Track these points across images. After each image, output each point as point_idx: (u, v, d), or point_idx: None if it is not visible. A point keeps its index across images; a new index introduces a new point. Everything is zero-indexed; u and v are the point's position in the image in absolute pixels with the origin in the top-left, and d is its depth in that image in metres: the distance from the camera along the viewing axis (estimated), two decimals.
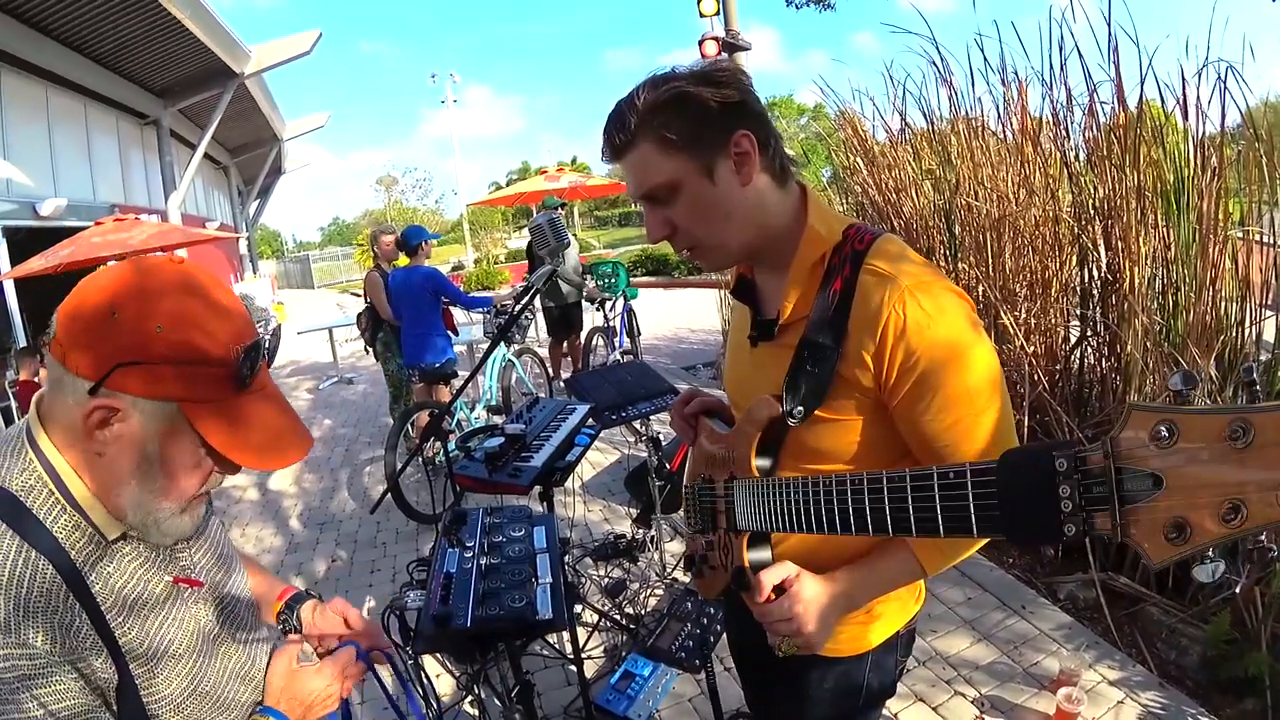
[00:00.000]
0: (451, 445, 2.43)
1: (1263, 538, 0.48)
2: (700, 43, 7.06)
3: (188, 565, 0.94)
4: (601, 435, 2.62)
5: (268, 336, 0.88)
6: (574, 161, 53.50)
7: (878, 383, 0.94)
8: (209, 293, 0.81)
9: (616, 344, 6.98)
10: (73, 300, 0.77)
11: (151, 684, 0.84)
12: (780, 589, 0.97)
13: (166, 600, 0.88)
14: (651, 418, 3.02)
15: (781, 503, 0.91)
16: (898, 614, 1.14)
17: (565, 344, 7.02)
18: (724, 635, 1.97)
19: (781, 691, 1.20)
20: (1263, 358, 2.75)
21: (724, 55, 7.10)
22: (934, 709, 2.42)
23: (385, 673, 1.27)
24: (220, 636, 0.96)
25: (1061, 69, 3.29)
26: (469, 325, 7.54)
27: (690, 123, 0.94)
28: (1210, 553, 0.51)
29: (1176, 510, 0.51)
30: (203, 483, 0.85)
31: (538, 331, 7.90)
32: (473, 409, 5.14)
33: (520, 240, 34.07)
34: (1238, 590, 2.37)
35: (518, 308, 2.05)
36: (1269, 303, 2.75)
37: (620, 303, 7.20)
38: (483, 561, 1.58)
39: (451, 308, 5.17)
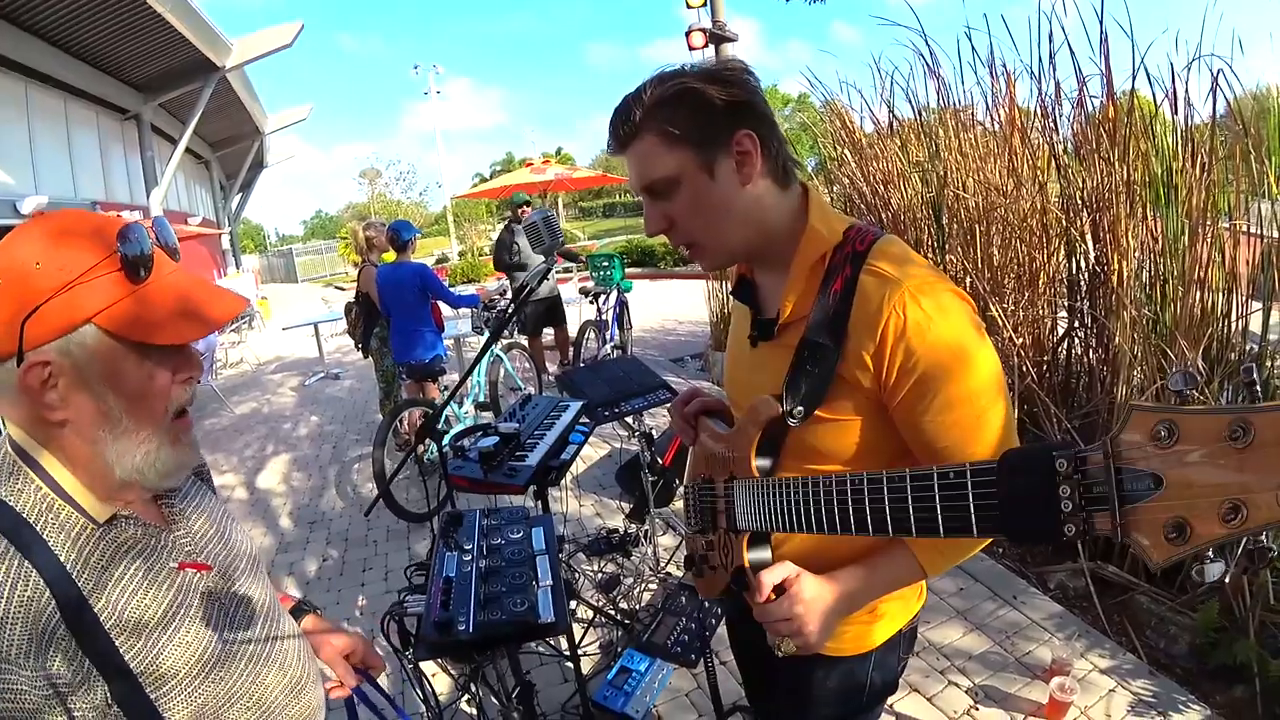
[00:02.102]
0: (445, 442, 2.42)
1: (1263, 537, 0.48)
2: (687, 34, 7.03)
3: (191, 548, 0.92)
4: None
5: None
6: (558, 153, 53.32)
7: (878, 383, 0.94)
8: (60, 217, 0.81)
9: (608, 337, 6.95)
10: None
11: (163, 691, 0.83)
12: (780, 589, 0.97)
13: (173, 593, 0.86)
14: (644, 413, 3.03)
15: (781, 503, 0.91)
16: (901, 613, 1.15)
17: (552, 336, 6.98)
18: (719, 629, 1.98)
19: (784, 690, 1.21)
20: (1250, 349, 2.78)
21: (710, 46, 7.09)
22: (929, 699, 2.44)
23: (381, 679, 1.26)
24: (239, 624, 0.94)
25: (1050, 61, 3.30)
26: (454, 319, 7.48)
27: (694, 119, 0.94)
28: (1210, 553, 0.51)
29: (1176, 510, 0.50)
30: (167, 398, 0.83)
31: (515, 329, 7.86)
32: (460, 404, 5.11)
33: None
34: (1226, 580, 2.40)
35: (514, 306, 2.04)
36: (1255, 295, 2.78)
37: (614, 295, 7.17)
38: (482, 564, 1.57)
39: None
